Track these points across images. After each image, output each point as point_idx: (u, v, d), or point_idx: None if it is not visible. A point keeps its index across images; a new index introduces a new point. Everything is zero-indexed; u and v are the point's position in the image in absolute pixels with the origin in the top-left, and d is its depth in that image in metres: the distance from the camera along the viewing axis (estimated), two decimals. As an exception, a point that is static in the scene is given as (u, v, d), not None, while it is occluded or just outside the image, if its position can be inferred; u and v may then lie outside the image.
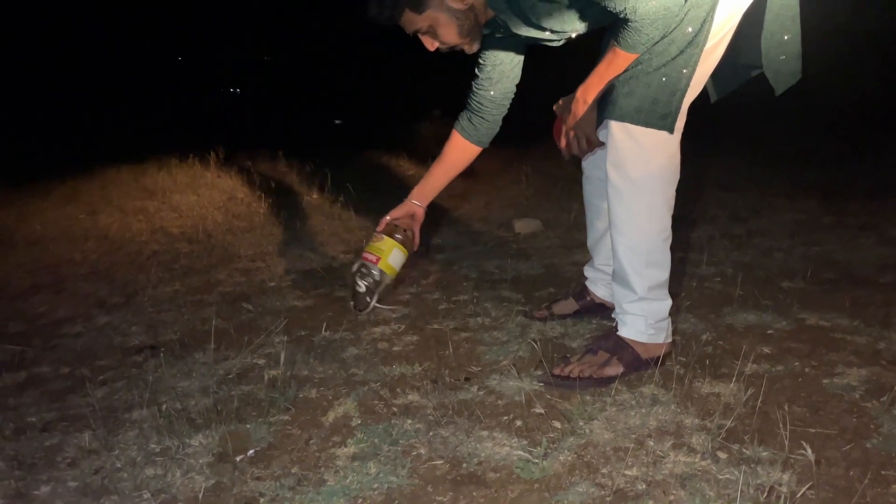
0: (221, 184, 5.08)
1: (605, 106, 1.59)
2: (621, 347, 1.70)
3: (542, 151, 5.56)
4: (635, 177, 1.58)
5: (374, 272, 2.07)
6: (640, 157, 1.57)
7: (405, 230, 2.08)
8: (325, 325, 2.17)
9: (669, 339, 1.75)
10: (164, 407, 1.64)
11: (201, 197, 4.63)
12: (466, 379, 1.74)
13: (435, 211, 4.04)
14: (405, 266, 2.12)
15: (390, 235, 2.06)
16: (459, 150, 1.98)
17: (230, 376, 1.83)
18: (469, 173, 5.49)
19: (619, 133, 1.57)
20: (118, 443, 1.51)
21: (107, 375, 1.90)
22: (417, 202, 2.06)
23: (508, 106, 1.92)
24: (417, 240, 2.10)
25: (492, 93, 1.85)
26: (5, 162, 6.24)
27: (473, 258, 2.98)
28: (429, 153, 6.46)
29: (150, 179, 5.22)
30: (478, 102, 1.88)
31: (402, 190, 2.13)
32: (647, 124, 1.55)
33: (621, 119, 1.56)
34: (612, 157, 1.60)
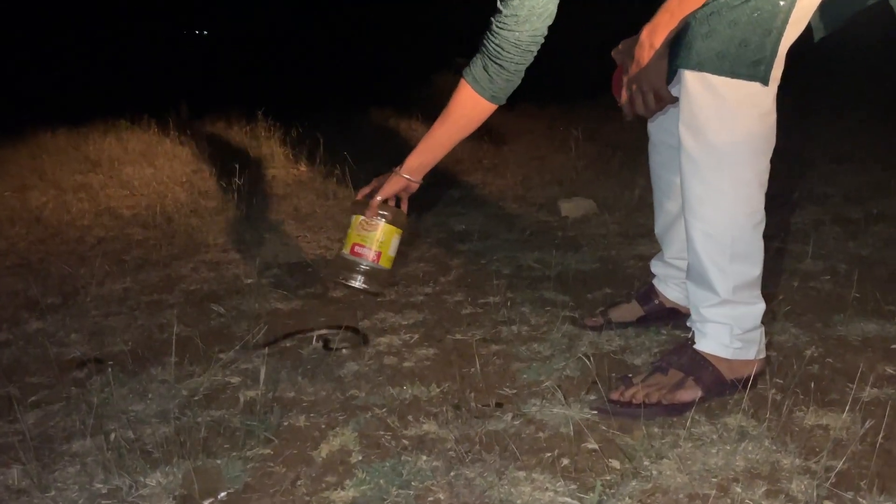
0: (184, 153, 5.13)
1: (678, 51, 1.58)
2: (699, 365, 1.69)
3: (596, 111, 5.53)
4: (717, 143, 1.57)
5: (375, 272, 2.04)
6: (723, 118, 1.55)
7: (394, 205, 2.06)
8: (316, 333, 2.19)
9: (762, 356, 1.73)
10: (112, 436, 1.66)
11: (159, 170, 4.68)
12: (498, 404, 1.74)
13: (458, 187, 4.06)
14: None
15: (386, 219, 2.03)
16: (468, 108, 1.96)
17: (196, 398, 1.85)
18: (502, 139, 5.50)
19: (697, 86, 1.56)
20: (55, 481, 1.53)
21: (40, 396, 1.92)
22: (410, 177, 2.04)
23: (535, 53, 1.90)
24: (406, 208, 2.09)
25: (517, 34, 1.83)
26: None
27: (507, 249, 2.98)
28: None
29: (93, 147, 5.27)
30: (497, 46, 1.87)
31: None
32: (732, 74, 1.53)
33: (699, 68, 1.54)
34: (687, 117, 1.58)
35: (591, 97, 5.44)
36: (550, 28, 1.87)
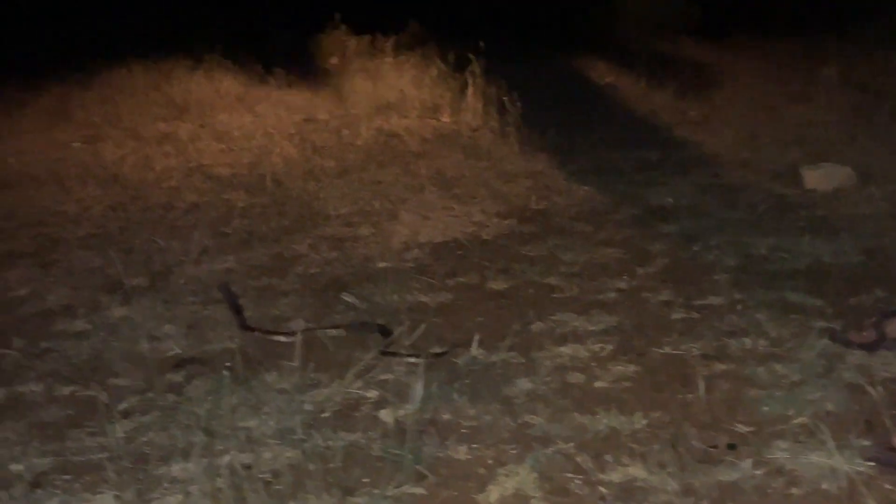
0: (291, 96, 5.24)
1: None
2: None
3: (853, 43, 5.30)
4: None
5: None
6: None
7: None
8: (476, 336, 2.17)
9: None
10: (226, 460, 1.71)
11: (260, 117, 4.80)
12: (730, 446, 1.70)
13: (655, 147, 3.99)
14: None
15: None
16: None
17: (324, 415, 1.88)
18: (714, 83, 5.32)
19: None
20: (152, 513, 1.60)
21: (131, 403, 2.00)
22: None
23: None
24: None
25: None
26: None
27: (729, 232, 2.91)
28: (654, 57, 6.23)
29: (177, 88, 5.44)
30: None
31: (593, 111, 2.10)
32: None
33: None
34: None
35: (850, 21, 5.22)
36: None
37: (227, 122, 4.72)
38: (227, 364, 2.06)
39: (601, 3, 7.60)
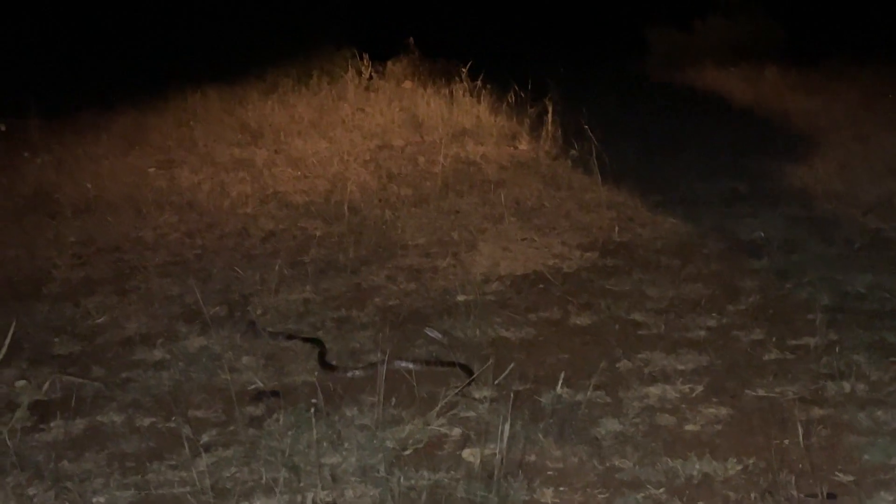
0: (366, 122, 5.27)
1: None
2: None
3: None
4: None
5: None
6: None
7: None
8: (561, 374, 2.12)
9: None
10: (309, 497, 1.72)
11: (335, 143, 4.84)
12: (830, 495, 1.67)
13: (743, 178, 3.96)
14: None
15: None
16: None
17: (406, 452, 1.89)
18: (800, 110, 5.25)
19: None
20: (234, 551, 1.63)
21: (212, 436, 2.03)
22: None
23: None
24: None
25: None
26: (39, 84, 6.74)
27: (823, 267, 2.87)
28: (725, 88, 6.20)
29: (252, 113, 5.52)
30: None
31: (676, 139, 2.07)
32: None
33: None
34: None
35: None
36: None
37: (302, 148, 4.77)
38: (314, 401, 2.08)
39: (684, 28, 7.55)
